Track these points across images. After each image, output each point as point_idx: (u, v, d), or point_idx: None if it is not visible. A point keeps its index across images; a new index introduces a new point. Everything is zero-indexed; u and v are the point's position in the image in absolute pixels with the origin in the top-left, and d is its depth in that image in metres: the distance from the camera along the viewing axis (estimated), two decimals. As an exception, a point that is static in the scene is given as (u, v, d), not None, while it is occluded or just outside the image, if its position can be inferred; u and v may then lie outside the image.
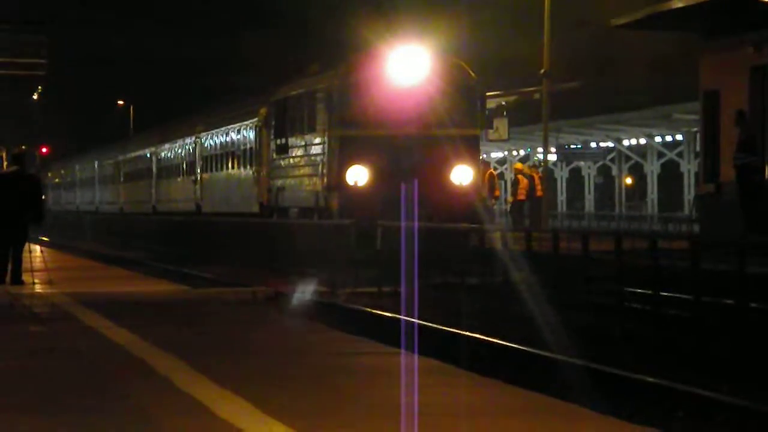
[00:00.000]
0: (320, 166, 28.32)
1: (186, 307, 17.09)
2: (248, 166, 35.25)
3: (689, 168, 51.99)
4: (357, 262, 24.73)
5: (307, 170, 29.39)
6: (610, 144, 58.46)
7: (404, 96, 27.05)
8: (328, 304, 19.70)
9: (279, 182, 31.41)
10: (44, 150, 79.78)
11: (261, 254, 30.65)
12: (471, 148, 27.58)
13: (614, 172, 60.65)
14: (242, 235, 33.17)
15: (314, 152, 28.91)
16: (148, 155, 50.35)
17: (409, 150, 26.70)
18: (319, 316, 17.11)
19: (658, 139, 55.52)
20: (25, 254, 20.95)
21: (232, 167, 37.22)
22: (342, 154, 27.43)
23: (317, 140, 28.64)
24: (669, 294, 17.21)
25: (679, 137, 53.52)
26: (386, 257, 23.42)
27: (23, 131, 76.45)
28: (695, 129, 43.28)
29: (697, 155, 42.67)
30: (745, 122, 23.47)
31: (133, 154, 53.96)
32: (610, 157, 59.77)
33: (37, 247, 26.58)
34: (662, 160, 56.24)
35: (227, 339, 13.12)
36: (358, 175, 27.23)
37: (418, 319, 16.22)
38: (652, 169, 56.49)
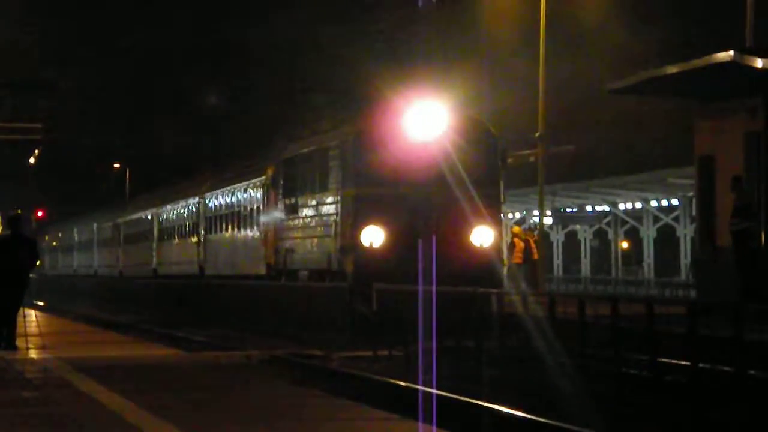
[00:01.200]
0: (333, 226, 27.08)
1: (179, 372, 17.04)
2: (255, 227, 34.21)
3: (685, 233, 52.03)
4: (353, 326, 24.66)
5: (318, 231, 28.18)
6: (606, 208, 58.56)
7: (422, 152, 25.79)
8: (323, 369, 19.66)
9: (288, 243, 30.27)
10: (40, 213, 79.66)
11: (256, 317, 30.48)
12: (492, 208, 26.25)
13: (610, 236, 60.69)
14: (237, 298, 33.13)
15: (326, 212, 27.72)
16: (150, 216, 49.42)
17: (427, 209, 25.45)
18: (313, 380, 17.10)
19: (653, 203, 55.65)
20: (19, 319, 20.96)
21: (238, 228, 36.14)
22: (357, 213, 26.14)
23: (330, 199, 27.48)
24: (666, 360, 17.11)
25: (675, 202, 53.64)
26: (384, 320, 23.39)
27: (19, 194, 76.40)
28: (690, 194, 43.33)
29: (693, 220, 42.64)
30: (741, 188, 23.50)
31: (133, 216, 53.15)
32: (605, 220, 59.83)
33: (32, 312, 26.59)
34: (658, 225, 56.31)
35: (220, 404, 13.10)
36: (373, 236, 25.90)
37: (431, 386, 15.97)
38: (648, 233, 56.54)
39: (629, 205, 57.74)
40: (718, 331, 16.48)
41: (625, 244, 64.26)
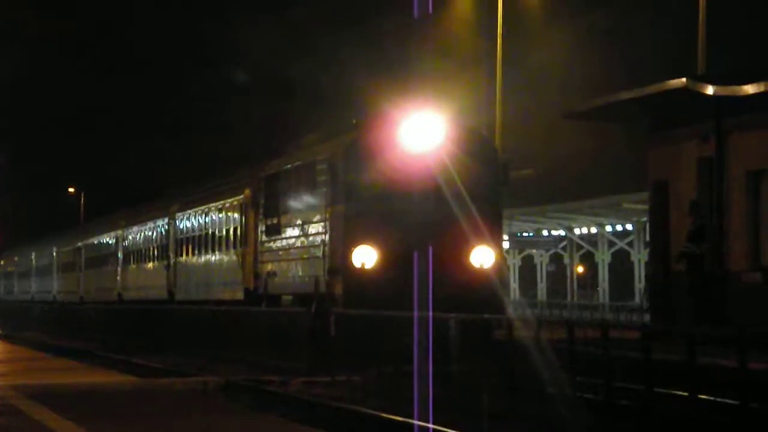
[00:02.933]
0: (321, 247, 25.01)
1: (134, 399, 16.86)
2: (231, 249, 31.96)
3: (639, 257, 52.37)
4: (314, 352, 23.89)
5: (304, 252, 26.04)
6: (562, 232, 58.88)
7: (418, 166, 23.86)
8: (281, 395, 19.30)
9: (269, 266, 28.14)
10: None
11: (217, 343, 29.79)
12: (493, 227, 24.43)
13: (566, 260, 61.01)
14: (196, 323, 32.27)
15: (313, 231, 25.63)
16: (114, 240, 47.19)
17: (423, 228, 23.33)
18: (271, 406, 16.86)
19: (608, 228, 56.02)
20: None
21: (212, 250, 33.82)
22: (347, 232, 24.05)
23: (317, 217, 25.40)
24: (623, 384, 17.15)
25: (629, 227, 54.02)
26: (343, 345, 22.82)
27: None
28: (644, 219, 43.75)
29: (646, 245, 43.01)
30: (698, 212, 23.72)
31: (95, 239, 51.03)
32: (561, 245, 60.16)
33: None
34: (613, 249, 56.66)
35: (178, 431, 13.03)
36: (365, 257, 23.88)
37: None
38: (603, 257, 56.89)
39: (585, 230, 58.08)
40: (671, 355, 16.60)
41: (580, 269, 64.63)
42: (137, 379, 20.70)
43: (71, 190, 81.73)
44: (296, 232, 26.61)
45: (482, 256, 24.23)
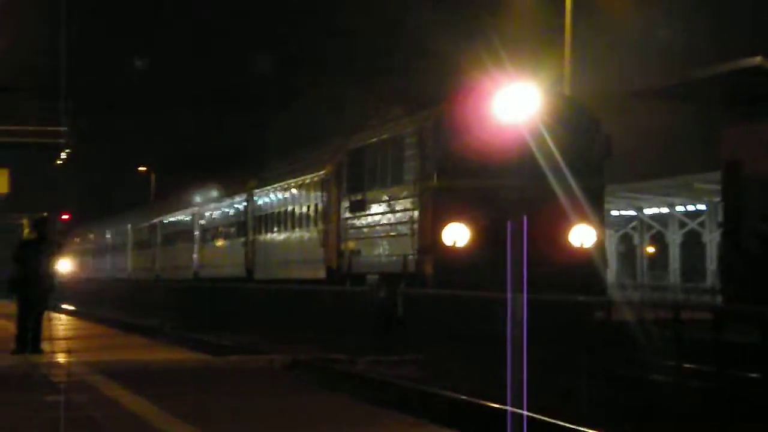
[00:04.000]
0: (410, 224, 24.02)
1: (205, 376, 17.07)
2: (312, 226, 31.04)
3: (711, 238, 52.14)
4: (379, 331, 23.64)
5: (392, 229, 25.04)
6: (632, 212, 58.74)
7: (513, 139, 22.59)
8: (347, 373, 19.28)
9: (353, 244, 27.25)
10: (65, 216, 79.98)
11: (281, 321, 29.67)
12: (594, 204, 23.20)
13: (636, 241, 60.87)
14: (263, 302, 32.09)
15: (401, 208, 24.59)
16: (190, 217, 46.42)
17: (519, 204, 22.12)
18: (337, 385, 16.87)
19: (679, 208, 55.85)
20: (45, 322, 20.90)
21: (292, 228, 32.87)
22: (438, 209, 23.00)
23: (406, 193, 24.39)
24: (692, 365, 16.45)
25: (701, 207, 53.78)
26: (411, 325, 22.50)
27: (44, 198, 76.70)
28: (717, 199, 43.57)
29: (719, 225, 42.84)
30: None
31: (171, 217, 50.37)
32: (631, 225, 60.01)
33: (58, 315, 26.22)
34: (684, 230, 56.47)
35: (245, 409, 13.03)
36: (457, 234, 22.81)
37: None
38: (674, 238, 56.73)
39: (655, 210, 57.93)
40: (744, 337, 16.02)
41: (651, 249, 64.46)
42: (207, 356, 20.83)
43: (142, 168, 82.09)
44: (382, 208, 25.69)
45: (582, 235, 23.03)
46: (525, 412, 12.95)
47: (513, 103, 22.84)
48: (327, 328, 26.59)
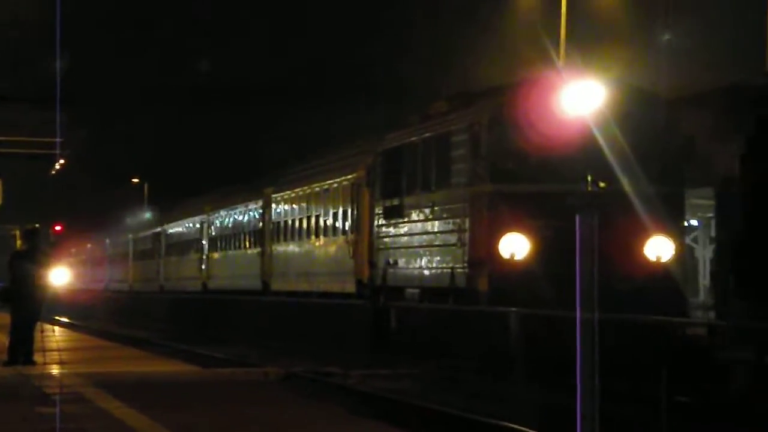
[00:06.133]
0: (458, 234, 21.49)
1: (197, 388, 17.23)
2: (340, 235, 28.46)
3: (704, 253, 50.40)
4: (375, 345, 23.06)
5: (436, 239, 22.54)
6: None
7: (580, 139, 20.31)
8: (341, 386, 18.90)
9: (389, 255, 24.70)
10: (57, 228, 79.55)
11: (276, 334, 29.43)
12: (673, 212, 20.85)
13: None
14: (255, 314, 31.66)
15: (448, 215, 22.14)
16: (199, 225, 44.05)
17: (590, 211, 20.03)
18: (332, 397, 16.79)
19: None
20: (37, 334, 20.98)
21: (317, 236, 30.27)
22: (494, 216, 20.55)
23: (452, 199, 21.94)
24: None
25: (694, 222, 51.79)
26: (406, 339, 21.82)
27: (36, 209, 74.95)
28: (710, 214, 41.65)
29: (711, 241, 41.13)
30: None
31: (177, 225, 48.00)
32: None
33: (50, 327, 27.25)
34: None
35: (237, 421, 13.14)
36: (516, 246, 20.32)
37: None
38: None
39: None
40: None
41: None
42: (200, 368, 20.91)
43: (135, 180, 79.95)
44: (424, 215, 23.20)
45: (660, 248, 20.55)
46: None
47: (580, 97, 20.18)
48: (323, 341, 26.46)
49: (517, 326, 19.03)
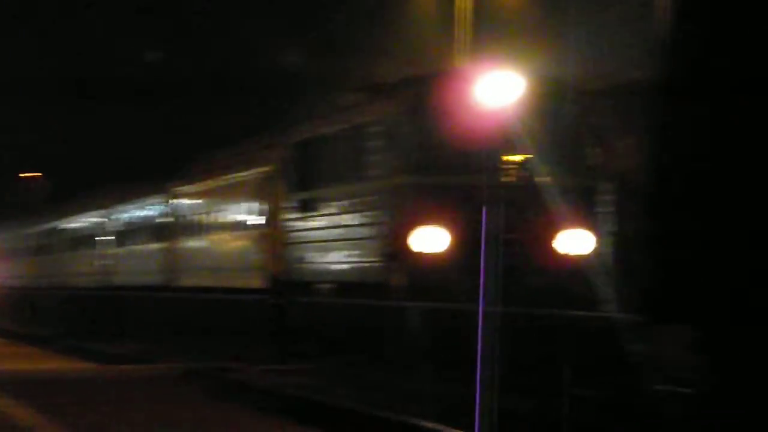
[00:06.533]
0: (373, 227, 21.16)
1: (93, 385, 16.97)
2: (250, 229, 27.90)
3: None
4: (274, 340, 23.16)
5: (349, 232, 22.21)
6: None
7: (496, 130, 19.65)
8: (240, 382, 18.73)
9: (301, 249, 24.22)
10: None
11: (178, 330, 29.35)
12: (587, 204, 20.72)
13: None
14: (156, 310, 31.91)
15: (362, 208, 21.81)
16: (99, 220, 43.22)
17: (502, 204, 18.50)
18: (232, 394, 16.93)
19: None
20: None
21: (224, 231, 29.75)
22: (410, 208, 20.16)
23: (368, 191, 21.61)
24: None
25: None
26: (305, 334, 21.89)
27: None
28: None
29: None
30: None
31: (75, 220, 46.93)
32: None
33: None
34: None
35: (133, 419, 12.99)
36: (430, 239, 19.96)
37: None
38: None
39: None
40: None
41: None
42: (97, 365, 20.81)
43: (26, 175, 77.95)
44: (338, 208, 22.83)
45: (574, 241, 20.40)
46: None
47: (498, 88, 19.15)
48: (226, 337, 26.46)
49: (419, 320, 18.87)
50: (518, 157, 20.10)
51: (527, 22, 35.09)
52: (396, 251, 20.42)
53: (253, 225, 27.81)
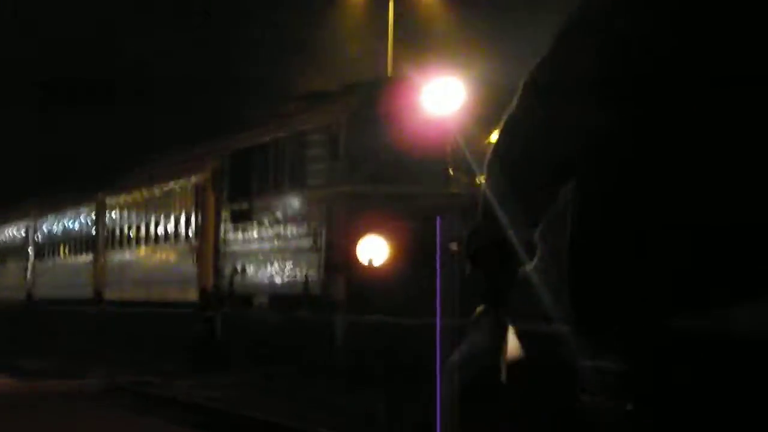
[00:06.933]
0: (313, 237, 20.55)
1: (10, 401, 16.62)
2: (183, 241, 27.31)
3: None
4: (197, 353, 23.21)
5: (288, 244, 21.62)
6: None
7: (440, 138, 19.68)
8: (163, 397, 18.59)
9: (237, 261, 23.76)
10: None
11: (103, 345, 29.12)
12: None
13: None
14: (81, 324, 31.35)
15: (302, 218, 21.25)
16: (23, 231, 42.24)
17: (438, 214, 17.46)
18: (153, 408, 16.76)
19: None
20: None
21: (156, 243, 29.19)
22: (352, 219, 19.59)
23: (308, 201, 21.09)
24: None
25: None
26: (233, 347, 21.97)
27: None
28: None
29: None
30: None
31: None
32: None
33: None
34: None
35: None
36: (375, 250, 19.42)
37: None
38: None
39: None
40: None
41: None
42: (16, 381, 20.47)
43: None
44: (276, 219, 22.25)
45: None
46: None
47: (440, 96, 19.61)
48: (151, 351, 26.34)
49: (344, 334, 18.64)
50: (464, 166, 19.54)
51: (464, 27, 34.71)
52: (336, 263, 19.98)
53: (186, 236, 27.30)
